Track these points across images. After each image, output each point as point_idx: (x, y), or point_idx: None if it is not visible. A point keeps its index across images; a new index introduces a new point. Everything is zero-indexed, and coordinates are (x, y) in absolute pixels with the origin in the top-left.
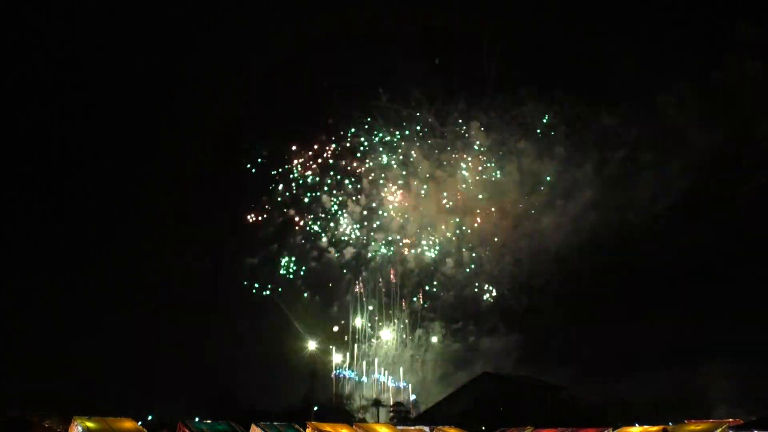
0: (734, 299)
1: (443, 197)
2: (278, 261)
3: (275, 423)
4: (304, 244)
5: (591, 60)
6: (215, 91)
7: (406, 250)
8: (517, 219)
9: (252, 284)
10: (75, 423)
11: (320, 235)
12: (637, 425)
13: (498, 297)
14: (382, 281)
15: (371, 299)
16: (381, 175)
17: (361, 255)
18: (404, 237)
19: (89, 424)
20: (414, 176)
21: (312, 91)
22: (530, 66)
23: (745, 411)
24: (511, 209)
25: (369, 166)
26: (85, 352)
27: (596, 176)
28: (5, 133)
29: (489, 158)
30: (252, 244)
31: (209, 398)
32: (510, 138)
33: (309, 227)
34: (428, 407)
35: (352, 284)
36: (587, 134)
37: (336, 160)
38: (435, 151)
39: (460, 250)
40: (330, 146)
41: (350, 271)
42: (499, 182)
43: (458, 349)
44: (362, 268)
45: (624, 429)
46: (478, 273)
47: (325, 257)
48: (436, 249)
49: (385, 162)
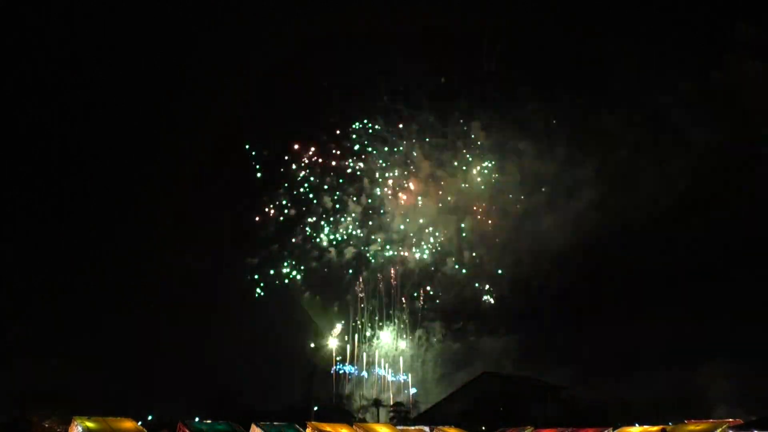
0: (734, 299)
1: (444, 197)
2: (279, 261)
3: (275, 423)
4: (305, 244)
5: (591, 60)
6: (215, 91)
7: (407, 251)
8: (518, 219)
9: (252, 284)
10: (75, 423)
11: (320, 235)
12: (637, 425)
13: (498, 297)
14: (382, 281)
15: (371, 299)
16: (381, 175)
17: (362, 255)
18: (404, 237)
19: (89, 424)
20: (414, 176)
21: (312, 91)
22: (531, 66)
23: (745, 411)
24: (512, 209)
25: (369, 166)
26: (85, 352)
27: (597, 176)
28: (5, 133)
29: (489, 158)
30: (252, 244)
31: (209, 398)
32: (510, 138)
33: (309, 227)
34: (428, 407)
35: (353, 284)
36: (587, 134)
37: (336, 160)
38: (435, 151)
39: (461, 250)
40: (330, 146)
41: (351, 271)
42: (500, 182)
43: (458, 349)
44: (362, 268)
45: (624, 429)
46: (479, 273)
47: (326, 257)
48: (437, 249)
49: (386, 162)
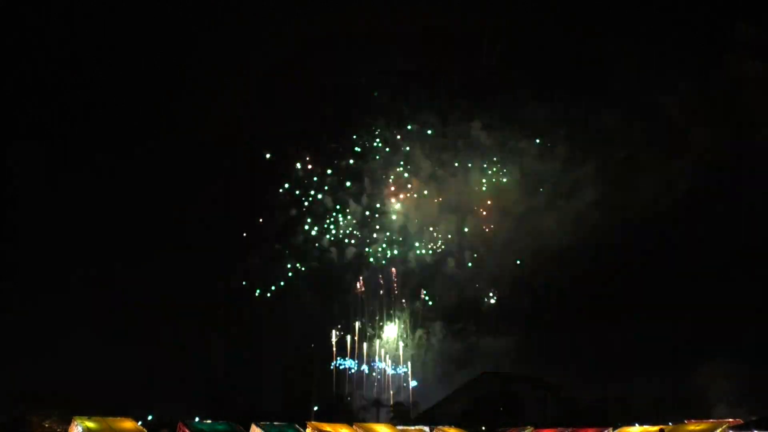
0: (734, 299)
1: (444, 197)
2: (279, 261)
3: (275, 423)
4: (306, 244)
5: (591, 60)
6: (216, 91)
7: (407, 251)
8: (519, 219)
9: (253, 284)
10: (75, 423)
11: (322, 235)
12: (637, 425)
13: (499, 297)
14: (383, 281)
15: (372, 299)
16: (382, 175)
17: (363, 255)
18: (405, 237)
19: (89, 424)
20: (415, 176)
21: (313, 91)
22: (531, 65)
23: (745, 411)
24: (513, 209)
25: (370, 166)
26: (85, 352)
27: (597, 176)
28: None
29: (490, 158)
30: (253, 244)
31: (209, 398)
32: (511, 137)
33: (310, 227)
34: (428, 407)
35: (354, 284)
36: (588, 134)
37: (337, 160)
38: (436, 151)
39: (461, 250)
40: (332, 146)
41: (351, 271)
42: (501, 181)
43: (459, 349)
44: (363, 268)
45: (624, 429)
46: (479, 273)
47: (327, 257)
48: (438, 249)
49: (387, 162)
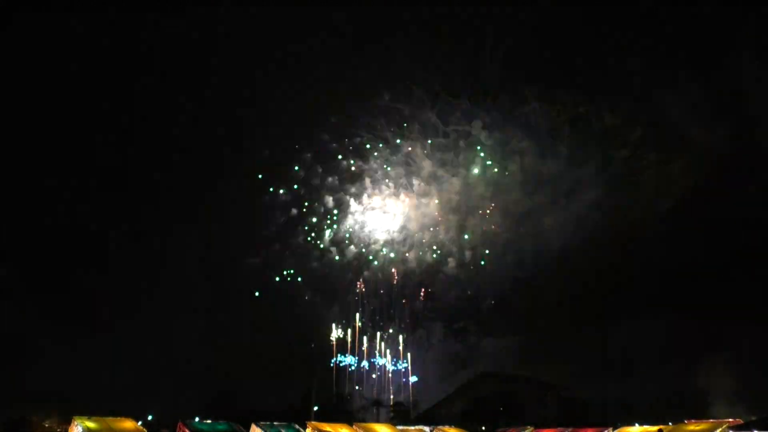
0: (735, 299)
1: (445, 197)
2: (280, 261)
3: (275, 423)
4: (306, 244)
5: (594, 59)
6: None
7: (408, 251)
8: (520, 218)
9: (253, 284)
10: (75, 423)
11: (322, 235)
12: (637, 425)
13: (499, 297)
14: (384, 281)
15: (372, 299)
16: (383, 175)
17: (363, 255)
18: (406, 236)
19: (89, 424)
20: (416, 175)
21: (314, 91)
22: (533, 65)
23: (746, 410)
24: (514, 208)
25: (371, 166)
26: (85, 352)
27: (599, 176)
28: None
29: (491, 157)
30: (254, 244)
31: (209, 398)
32: (513, 137)
33: (311, 227)
34: (428, 407)
35: (354, 284)
36: (590, 133)
37: (338, 160)
38: (437, 151)
39: (462, 250)
40: (332, 146)
41: (352, 271)
42: (502, 181)
43: (459, 349)
44: (364, 268)
45: (624, 429)
46: (480, 273)
47: (327, 257)
48: (439, 249)
49: (387, 162)
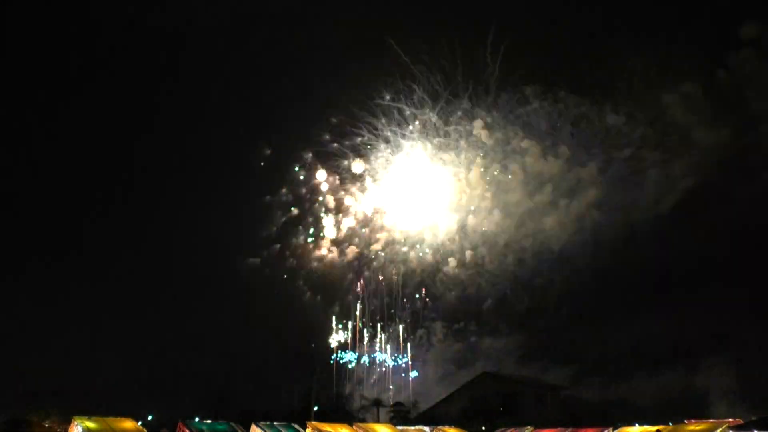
0: (735, 299)
1: (446, 196)
2: (280, 261)
3: (275, 423)
4: (306, 244)
5: (596, 59)
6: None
7: (409, 251)
8: (521, 218)
9: (253, 284)
10: (75, 423)
11: (322, 235)
12: (637, 425)
13: (500, 297)
14: (384, 281)
15: (373, 299)
16: (384, 175)
17: (363, 255)
18: (407, 236)
19: (89, 424)
20: (417, 175)
21: (314, 90)
22: (534, 65)
23: (746, 410)
24: (515, 208)
25: (372, 165)
26: (85, 352)
27: (600, 176)
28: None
29: (493, 157)
30: (254, 244)
31: (209, 398)
32: (514, 137)
33: (311, 227)
34: (428, 407)
35: (354, 284)
36: (592, 133)
37: (338, 160)
38: (438, 150)
39: (463, 250)
40: (333, 145)
41: (352, 271)
42: (503, 181)
43: (459, 349)
44: (364, 268)
45: (624, 429)
46: (480, 273)
47: (327, 257)
48: (439, 249)
49: (388, 161)
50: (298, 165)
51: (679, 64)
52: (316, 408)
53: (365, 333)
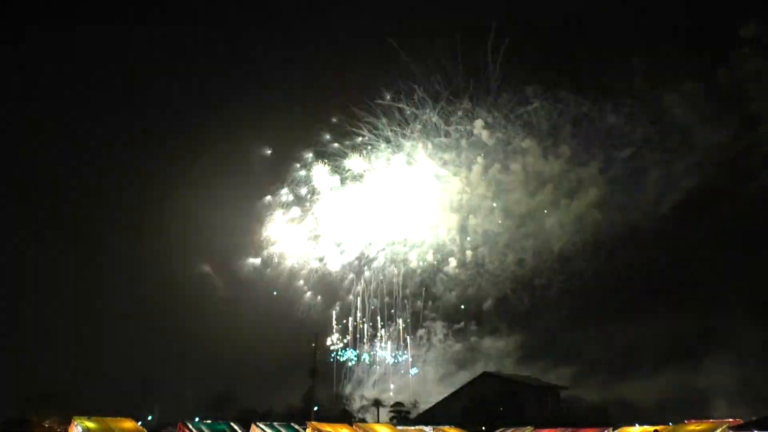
0: (735, 299)
1: (447, 196)
2: (281, 261)
3: (275, 423)
4: (307, 244)
5: (596, 58)
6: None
7: (409, 251)
8: (521, 218)
9: (254, 284)
10: (75, 423)
11: (323, 235)
12: (637, 425)
13: (500, 297)
14: (384, 281)
15: (373, 299)
16: (384, 175)
17: (364, 255)
18: (407, 236)
19: (89, 424)
20: (418, 175)
21: (315, 90)
22: (535, 64)
23: (746, 410)
24: (515, 208)
25: (372, 166)
26: (86, 352)
27: (601, 175)
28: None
29: (493, 157)
30: (254, 244)
31: (209, 398)
32: (515, 137)
33: (312, 227)
34: (428, 407)
35: (355, 284)
36: (592, 133)
37: (340, 160)
38: (439, 150)
39: (463, 250)
40: (333, 145)
41: (353, 271)
42: (504, 181)
43: (460, 349)
44: (365, 268)
45: (624, 429)
46: (481, 273)
47: (328, 257)
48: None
49: (389, 161)
50: (299, 165)
51: (680, 64)
52: (316, 408)
53: (365, 331)
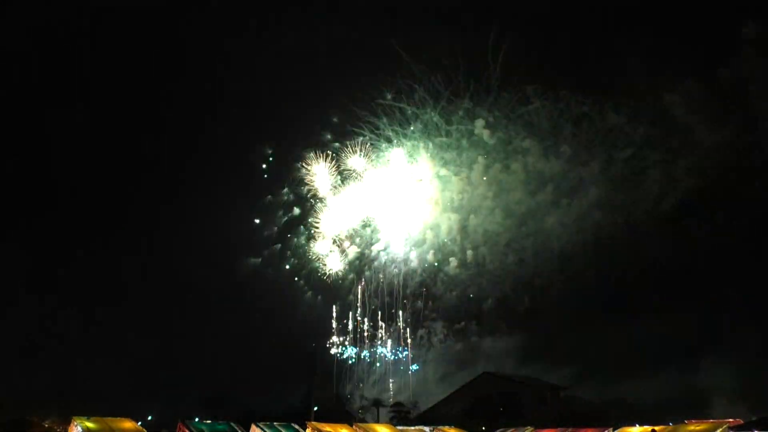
0: (735, 299)
1: (447, 196)
2: (281, 261)
3: (275, 423)
4: (307, 244)
5: (597, 58)
6: (219, 91)
7: (410, 251)
8: (522, 218)
9: (254, 284)
10: (75, 423)
11: (324, 234)
12: (637, 425)
13: (501, 297)
14: (384, 281)
15: (373, 299)
16: (385, 174)
17: (364, 254)
18: (408, 236)
19: (89, 424)
20: (418, 175)
21: (316, 90)
22: (536, 64)
23: (746, 410)
24: (516, 208)
25: (373, 166)
26: (86, 352)
27: (602, 175)
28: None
29: (494, 157)
30: (255, 244)
31: (209, 398)
32: (515, 136)
33: (312, 227)
34: (428, 407)
35: (355, 284)
36: (593, 133)
37: (340, 159)
38: (439, 150)
39: (464, 250)
40: (334, 145)
41: (353, 271)
42: (504, 181)
43: (460, 349)
44: (365, 268)
45: (624, 429)
46: (481, 273)
47: (327, 257)
48: (440, 249)
49: (389, 161)
50: (300, 164)
51: (681, 64)
52: (316, 408)
53: (365, 329)
